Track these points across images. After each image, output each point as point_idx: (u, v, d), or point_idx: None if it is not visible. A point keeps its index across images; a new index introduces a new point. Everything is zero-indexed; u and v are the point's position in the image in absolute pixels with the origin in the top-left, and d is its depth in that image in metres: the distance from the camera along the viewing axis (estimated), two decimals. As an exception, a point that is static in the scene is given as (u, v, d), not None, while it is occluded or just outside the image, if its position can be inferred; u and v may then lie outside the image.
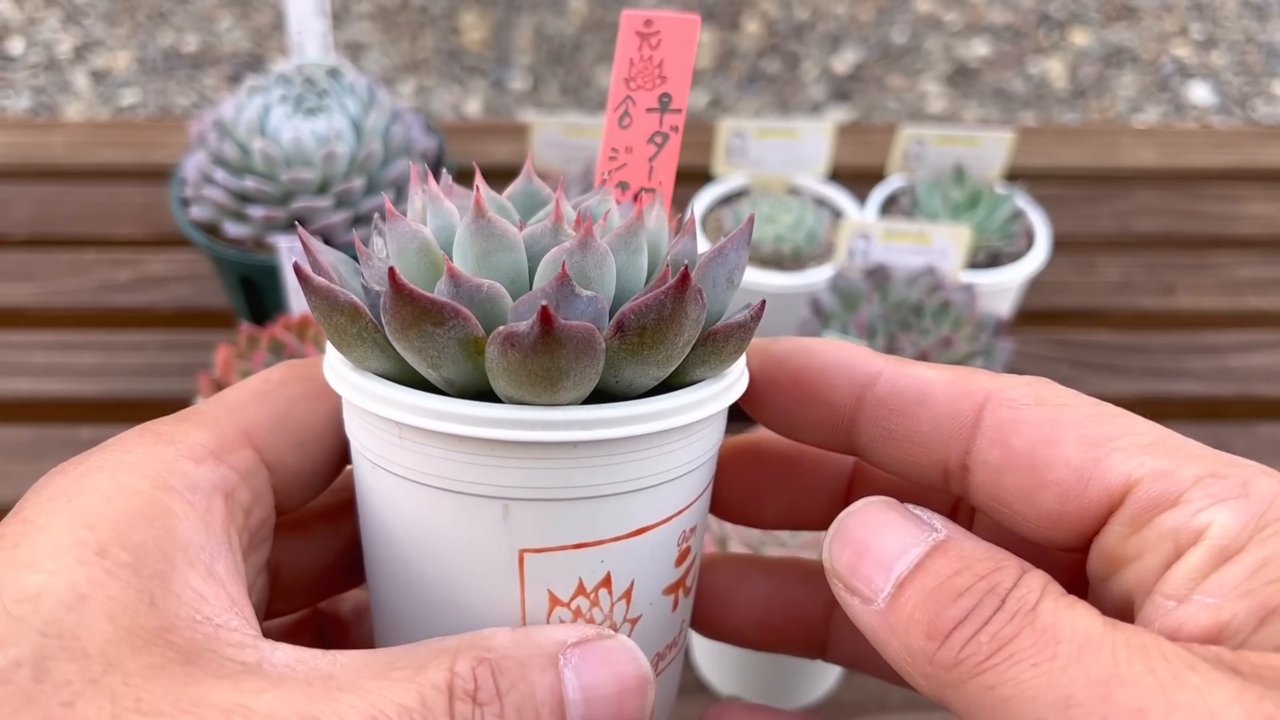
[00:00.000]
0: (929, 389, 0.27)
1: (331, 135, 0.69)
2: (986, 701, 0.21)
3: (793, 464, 0.32)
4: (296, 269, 0.25)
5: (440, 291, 0.24)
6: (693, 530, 0.28)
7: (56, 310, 0.85)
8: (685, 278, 0.23)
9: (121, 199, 0.94)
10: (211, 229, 0.72)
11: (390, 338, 0.24)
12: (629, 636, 0.27)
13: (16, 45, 2.02)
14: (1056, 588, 0.22)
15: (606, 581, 0.26)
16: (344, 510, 0.31)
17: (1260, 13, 2.15)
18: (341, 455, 0.30)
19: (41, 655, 0.20)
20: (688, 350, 0.25)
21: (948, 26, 2.10)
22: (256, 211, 0.69)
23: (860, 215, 0.82)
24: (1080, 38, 2.09)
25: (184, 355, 0.79)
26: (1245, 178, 1.00)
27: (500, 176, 0.29)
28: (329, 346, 0.27)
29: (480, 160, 0.87)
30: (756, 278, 0.76)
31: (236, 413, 0.27)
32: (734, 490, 0.33)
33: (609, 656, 0.25)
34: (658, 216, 0.27)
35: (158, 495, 0.24)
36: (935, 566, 0.23)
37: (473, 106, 1.92)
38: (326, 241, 0.69)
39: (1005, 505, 0.26)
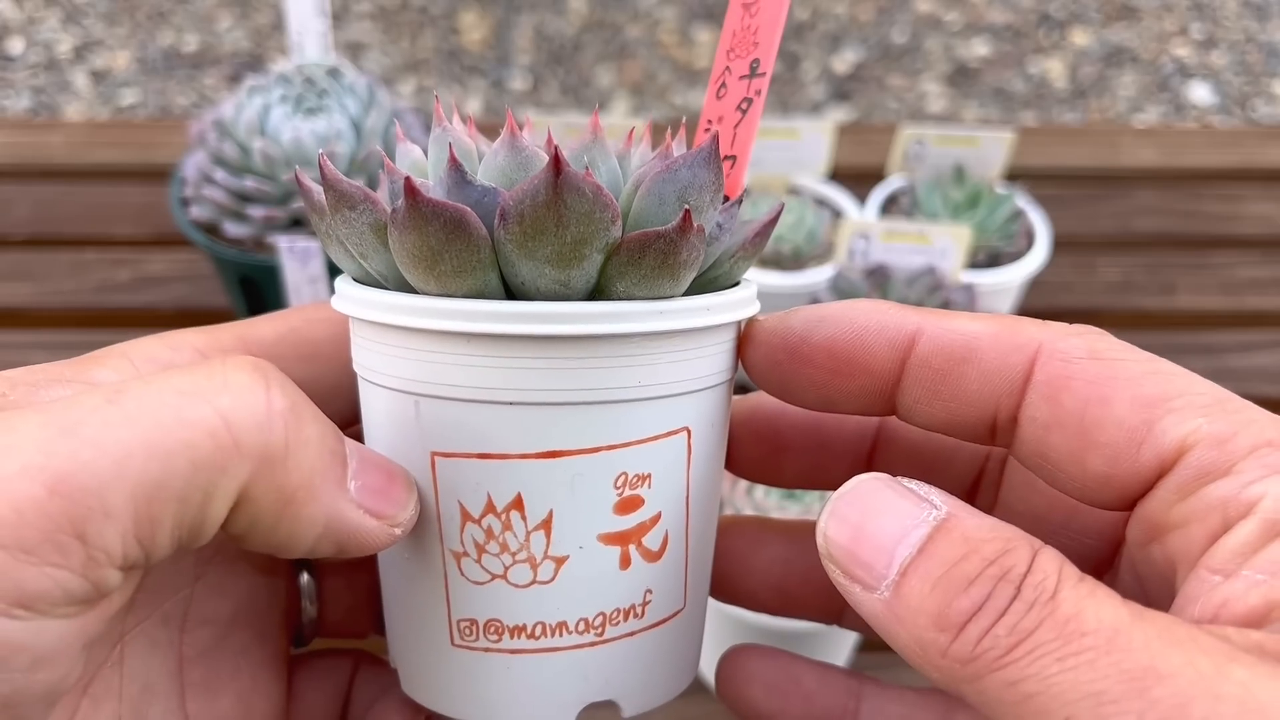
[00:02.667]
0: (976, 344, 0.25)
1: (331, 135, 0.69)
2: (1008, 698, 0.19)
3: (814, 422, 0.31)
4: (297, 175, 0.27)
5: (437, 188, 0.24)
6: (642, 478, 0.26)
7: (56, 310, 0.85)
8: (556, 160, 0.22)
9: (121, 199, 0.94)
10: (211, 229, 0.72)
11: (333, 227, 0.25)
12: (554, 576, 0.26)
13: (16, 45, 2.01)
14: (1073, 570, 0.21)
15: (518, 503, 0.25)
16: None
17: (1260, 13, 2.15)
18: None
19: None
20: (585, 251, 0.23)
21: (948, 26, 2.10)
22: (256, 211, 0.69)
23: (860, 215, 0.82)
24: (1080, 38, 2.09)
25: (184, 355, 0.79)
26: (1245, 178, 1.00)
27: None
28: None
29: (480, 160, 0.86)
30: (756, 277, 0.76)
31: (242, 325, 0.28)
32: (752, 449, 0.31)
33: (373, 450, 0.26)
34: (644, 152, 0.27)
35: (102, 356, 0.25)
36: (940, 550, 0.21)
37: (473, 106, 1.92)
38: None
39: (1051, 463, 0.24)
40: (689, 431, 0.26)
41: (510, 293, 0.25)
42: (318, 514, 0.23)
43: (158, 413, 0.20)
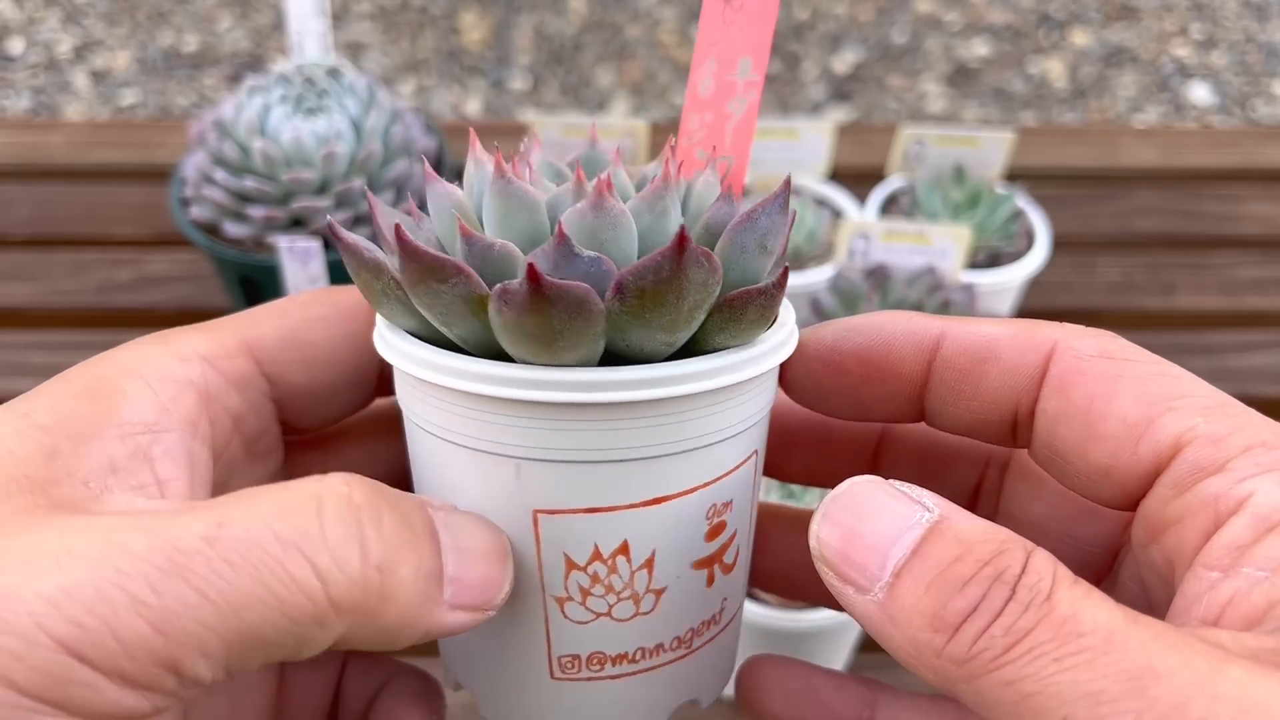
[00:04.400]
0: (996, 344, 0.26)
1: (331, 135, 0.69)
2: (1005, 697, 0.20)
3: (820, 420, 0.32)
4: (331, 227, 0.25)
5: (457, 250, 0.24)
6: (727, 505, 0.27)
7: (57, 310, 0.85)
8: (683, 239, 0.22)
9: (121, 199, 0.94)
10: (211, 229, 0.72)
11: (409, 294, 0.24)
12: (654, 607, 0.27)
13: (16, 45, 2.02)
14: (1066, 572, 0.21)
15: (624, 549, 0.26)
16: (374, 433, 0.32)
17: (1260, 13, 2.15)
18: (363, 381, 0.30)
19: None
20: (697, 315, 0.24)
21: (948, 26, 2.10)
22: (256, 211, 0.69)
23: (860, 215, 0.82)
24: (1080, 38, 2.09)
25: (184, 355, 0.79)
26: (1245, 178, 1.00)
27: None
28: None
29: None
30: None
31: (243, 325, 0.28)
32: None
33: (471, 524, 0.25)
34: (706, 182, 0.27)
35: (118, 379, 0.25)
36: (934, 552, 0.21)
37: (473, 106, 1.92)
38: (326, 243, 0.69)
39: (1059, 455, 0.25)
40: (756, 454, 0.28)
41: (611, 354, 0.25)
42: (415, 635, 0.24)
43: (258, 564, 0.21)
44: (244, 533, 0.21)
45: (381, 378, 0.31)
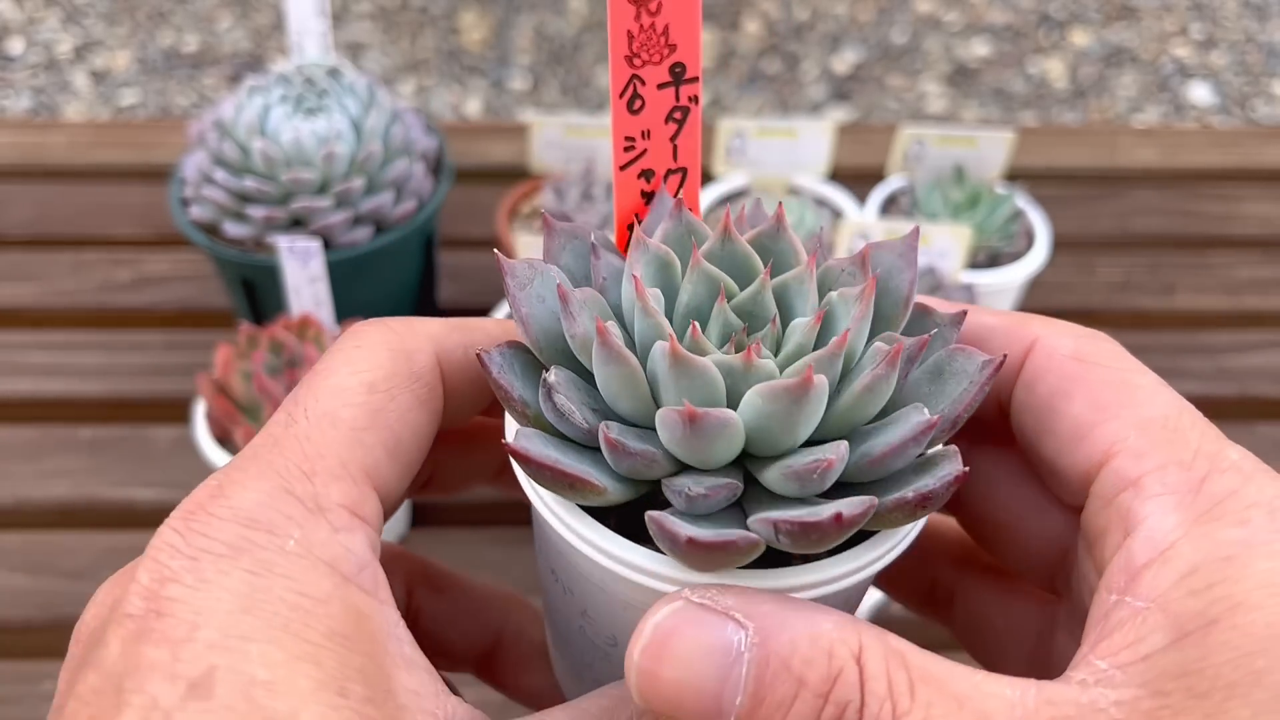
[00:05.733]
0: (990, 334, 0.28)
1: (331, 135, 0.69)
2: None
3: None
4: (665, 531, 0.23)
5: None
6: None
7: (57, 310, 0.85)
8: (925, 500, 0.23)
9: (121, 199, 0.94)
10: (211, 229, 0.72)
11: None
12: None
13: (16, 45, 2.02)
14: (902, 676, 0.21)
15: None
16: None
17: (1260, 13, 2.15)
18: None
19: None
20: None
21: (948, 26, 2.10)
22: (256, 211, 0.69)
23: (860, 215, 0.82)
24: (1080, 38, 2.09)
25: (184, 355, 0.79)
26: (1245, 178, 1.00)
27: (500, 176, 0.29)
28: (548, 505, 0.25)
29: (480, 160, 0.86)
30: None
31: (358, 449, 0.25)
32: None
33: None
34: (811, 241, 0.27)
35: (345, 598, 0.23)
36: (770, 694, 0.21)
37: (473, 106, 1.92)
38: (326, 243, 0.69)
39: (1024, 444, 0.27)
40: None
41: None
42: None
43: None
44: None
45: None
